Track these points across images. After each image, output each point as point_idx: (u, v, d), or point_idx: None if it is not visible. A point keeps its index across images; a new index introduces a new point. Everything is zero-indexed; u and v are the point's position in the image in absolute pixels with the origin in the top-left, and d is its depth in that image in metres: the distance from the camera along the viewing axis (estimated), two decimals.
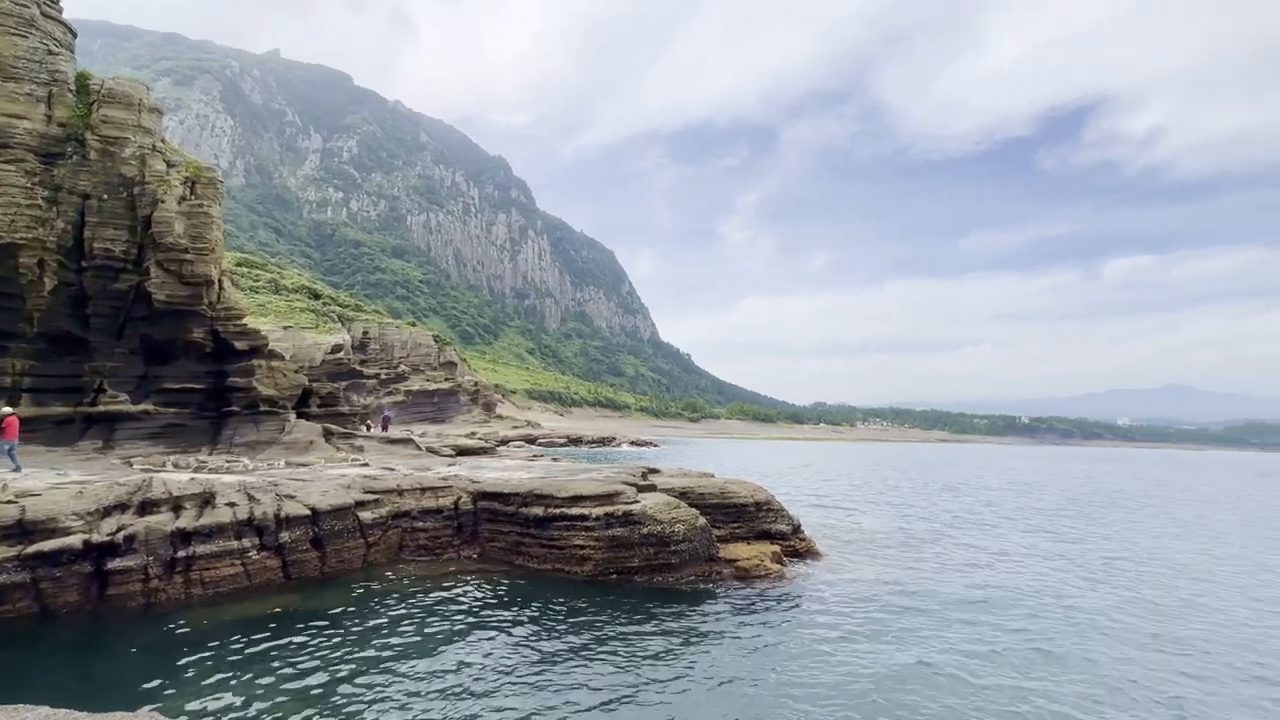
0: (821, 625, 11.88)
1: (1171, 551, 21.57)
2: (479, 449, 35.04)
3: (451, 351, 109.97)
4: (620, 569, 14.14)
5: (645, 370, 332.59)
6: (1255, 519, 32.21)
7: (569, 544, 14.47)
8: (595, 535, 14.32)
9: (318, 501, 14.10)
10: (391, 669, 9.20)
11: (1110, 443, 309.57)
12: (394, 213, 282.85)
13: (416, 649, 10.01)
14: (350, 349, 79.96)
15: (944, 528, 24.43)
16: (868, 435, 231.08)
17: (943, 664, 10.18)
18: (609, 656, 10.02)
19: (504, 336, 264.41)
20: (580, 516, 14.61)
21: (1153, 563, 19.34)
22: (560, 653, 10.13)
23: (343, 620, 11.13)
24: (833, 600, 13.51)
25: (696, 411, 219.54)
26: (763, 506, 17.39)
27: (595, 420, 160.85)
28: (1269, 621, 13.54)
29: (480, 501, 16.47)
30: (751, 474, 43.38)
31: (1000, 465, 79.85)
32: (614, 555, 14.20)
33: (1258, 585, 16.98)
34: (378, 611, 11.65)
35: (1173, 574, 17.89)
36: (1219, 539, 24.99)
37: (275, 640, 10.04)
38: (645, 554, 14.23)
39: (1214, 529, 27.84)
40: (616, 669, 9.56)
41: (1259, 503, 41.42)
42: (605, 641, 10.66)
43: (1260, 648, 11.81)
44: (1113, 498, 40.55)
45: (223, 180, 26.14)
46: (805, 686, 9.20)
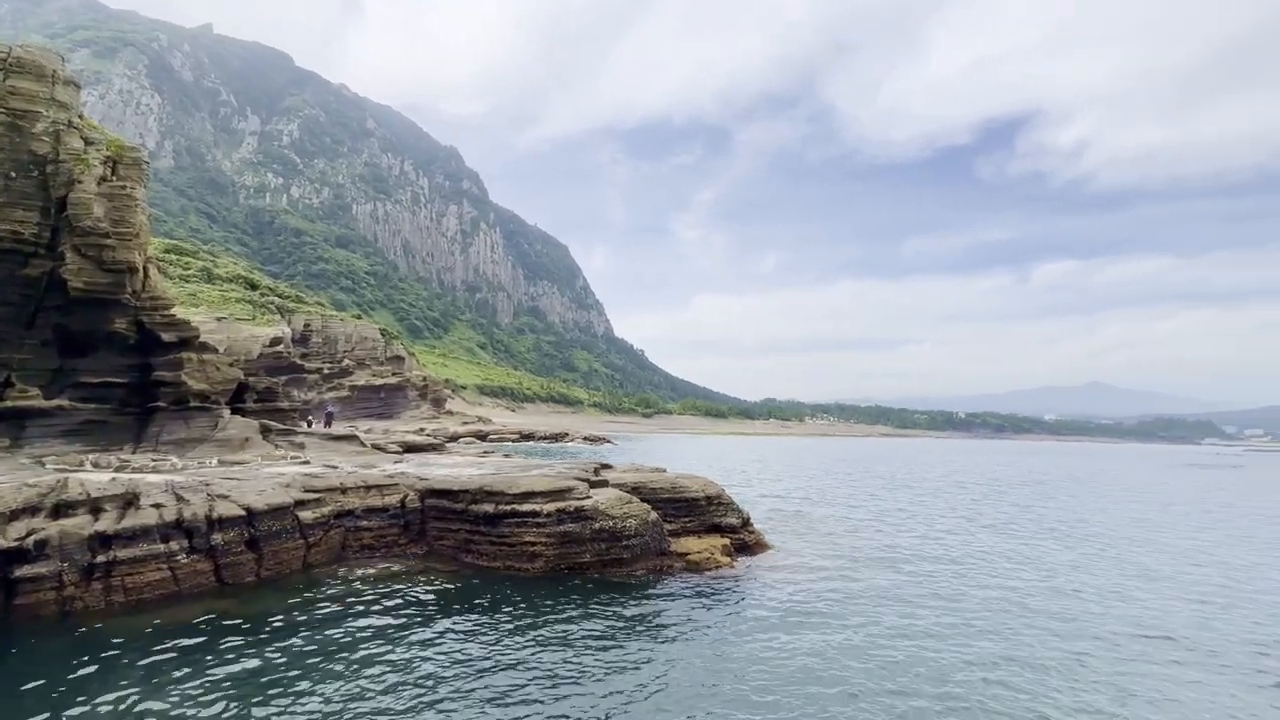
0: (768, 615, 12.17)
1: (1098, 535, 23.08)
2: (428, 445, 34.19)
3: (399, 346, 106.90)
4: (572, 564, 14.10)
5: (599, 366, 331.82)
6: (1174, 509, 34.84)
7: (520, 541, 14.31)
8: (547, 531, 14.22)
9: (254, 501, 13.46)
10: (334, 672, 8.89)
11: (1038, 437, 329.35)
12: (339, 201, 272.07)
13: (360, 650, 9.71)
14: (290, 342, 76.63)
15: (887, 518, 25.39)
16: (815, 430, 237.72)
17: (884, 648, 10.60)
18: (559, 651, 9.98)
19: (455, 331, 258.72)
20: (532, 513, 14.48)
21: (1083, 544, 20.66)
22: (510, 649, 10.03)
23: (280, 624, 10.68)
24: (779, 591, 13.86)
25: (650, 407, 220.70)
26: (713, 500, 17.65)
27: (548, 416, 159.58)
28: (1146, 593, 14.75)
29: (428, 499, 16.09)
30: (703, 469, 43.97)
31: (940, 459, 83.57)
32: (565, 551, 14.14)
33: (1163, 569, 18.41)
34: (319, 613, 11.23)
35: (1098, 559, 19.15)
36: (1135, 523, 26.94)
37: (205, 647, 9.54)
38: (597, 549, 14.23)
39: (1129, 513, 29.99)
40: (567, 663, 9.54)
41: (1171, 492, 44.84)
42: (556, 636, 10.61)
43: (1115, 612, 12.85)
44: (1041, 488, 43.07)
45: (149, 161, 24.49)
46: (751, 675, 9.41)
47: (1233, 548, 22.02)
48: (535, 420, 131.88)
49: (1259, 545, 22.74)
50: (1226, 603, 14.68)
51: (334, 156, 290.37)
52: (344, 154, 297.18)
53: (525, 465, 20.82)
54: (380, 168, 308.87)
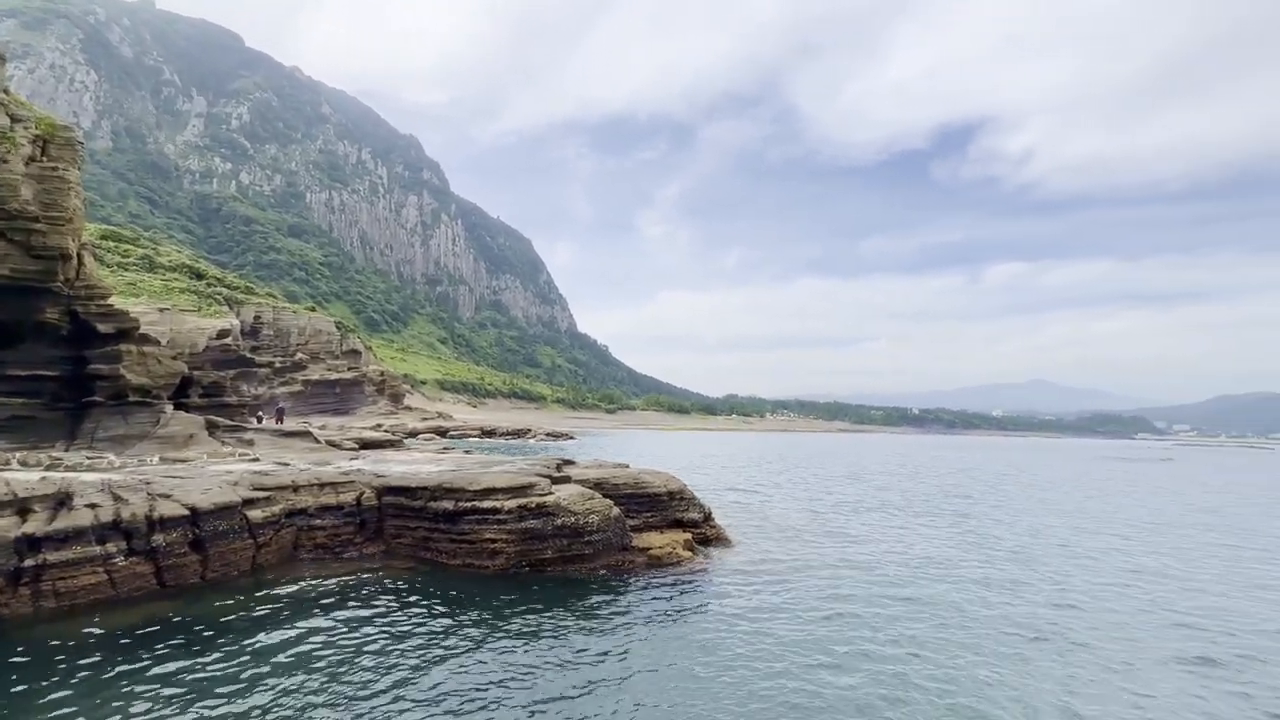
0: (728, 608, 12.35)
1: (1034, 528, 24.21)
2: (385, 442, 33.38)
3: (356, 339, 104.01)
4: (533, 561, 14.00)
5: (562, 361, 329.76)
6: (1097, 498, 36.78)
7: (480, 538, 14.13)
8: (508, 528, 14.08)
9: (198, 500, 12.91)
10: (283, 674, 8.61)
11: (986, 432, 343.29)
12: (291, 189, 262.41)
13: (311, 651, 9.43)
14: (240, 334, 73.72)
15: (845, 511, 26.05)
16: (776, 426, 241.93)
17: (841, 640, 10.89)
18: (518, 648, 9.91)
19: (414, 324, 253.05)
20: (493, 510, 14.31)
21: (1023, 536, 21.64)
22: (468, 647, 9.90)
23: (226, 625, 10.29)
24: (739, 584, 14.08)
25: (613, 403, 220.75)
26: (675, 496, 17.77)
27: (510, 412, 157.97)
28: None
29: (385, 496, 15.72)
30: (666, 464, 44.22)
31: (895, 453, 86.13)
32: (527, 548, 14.03)
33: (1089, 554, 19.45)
34: (268, 614, 10.86)
35: (1032, 546, 20.10)
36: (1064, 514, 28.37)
37: (143, 652, 9.12)
38: (559, 545, 14.17)
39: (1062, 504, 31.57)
40: (526, 660, 9.48)
41: (1102, 482, 47.34)
42: (516, 633, 10.54)
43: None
44: (989, 481, 44.86)
45: (83, 141, 23.11)
46: (709, 668, 9.54)
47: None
48: (497, 416, 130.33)
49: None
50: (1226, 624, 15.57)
51: (287, 142, 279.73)
52: (297, 140, 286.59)
53: (486, 462, 20.55)
54: (336, 155, 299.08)
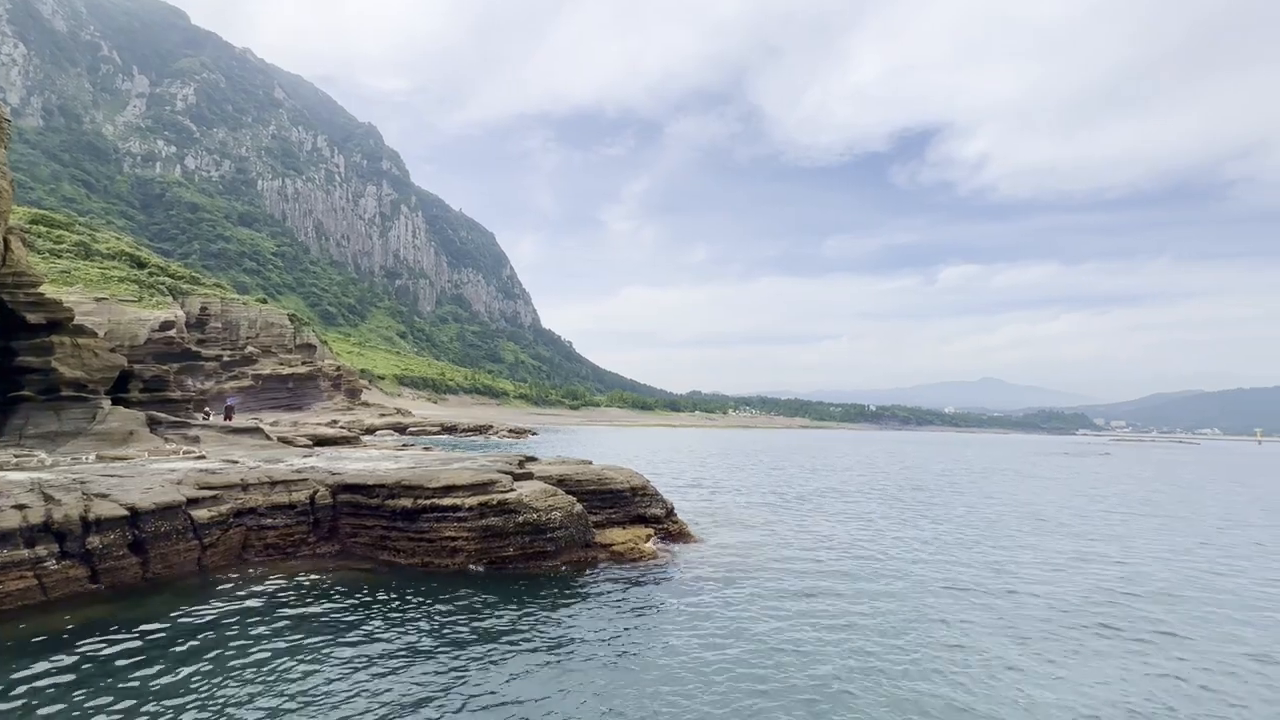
0: (688, 602, 12.46)
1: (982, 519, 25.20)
2: (341, 438, 32.47)
3: (310, 333, 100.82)
4: (494, 559, 13.85)
5: (525, 357, 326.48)
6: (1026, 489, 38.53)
7: (440, 536, 13.89)
8: (468, 526, 13.89)
9: (138, 500, 12.31)
10: (229, 677, 8.29)
11: (938, 428, 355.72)
12: (242, 175, 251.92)
13: (258, 654, 9.11)
14: (185, 326, 70.58)
15: (805, 505, 26.57)
16: (738, 422, 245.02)
17: (800, 631, 11.11)
18: (477, 646, 9.79)
19: (372, 318, 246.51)
20: (453, 507, 14.09)
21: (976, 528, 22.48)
22: (427, 644, 9.73)
23: (167, 629, 9.84)
24: (700, 578, 14.22)
25: (577, 399, 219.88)
26: (638, 492, 17.83)
27: (472, 408, 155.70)
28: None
29: (341, 495, 15.30)
30: (630, 460, 44.31)
31: (853, 449, 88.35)
32: (488, 545, 13.87)
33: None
34: (213, 616, 10.43)
35: (981, 537, 20.91)
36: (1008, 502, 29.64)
37: (71, 658, 8.65)
38: (520, 542, 14.05)
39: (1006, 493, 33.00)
40: (484, 658, 9.37)
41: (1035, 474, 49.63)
42: (474, 631, 10.40)
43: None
44: (941, 475, 46.47)
45: (10, 119, 21.68)
46: (669, 660, 9.61)
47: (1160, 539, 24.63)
48: (458, 412, 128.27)
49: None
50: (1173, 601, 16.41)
51: (236, 126, 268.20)
52: (248, 125, 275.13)
53: (446, 459, 20.22)
54: (290, 142, 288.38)
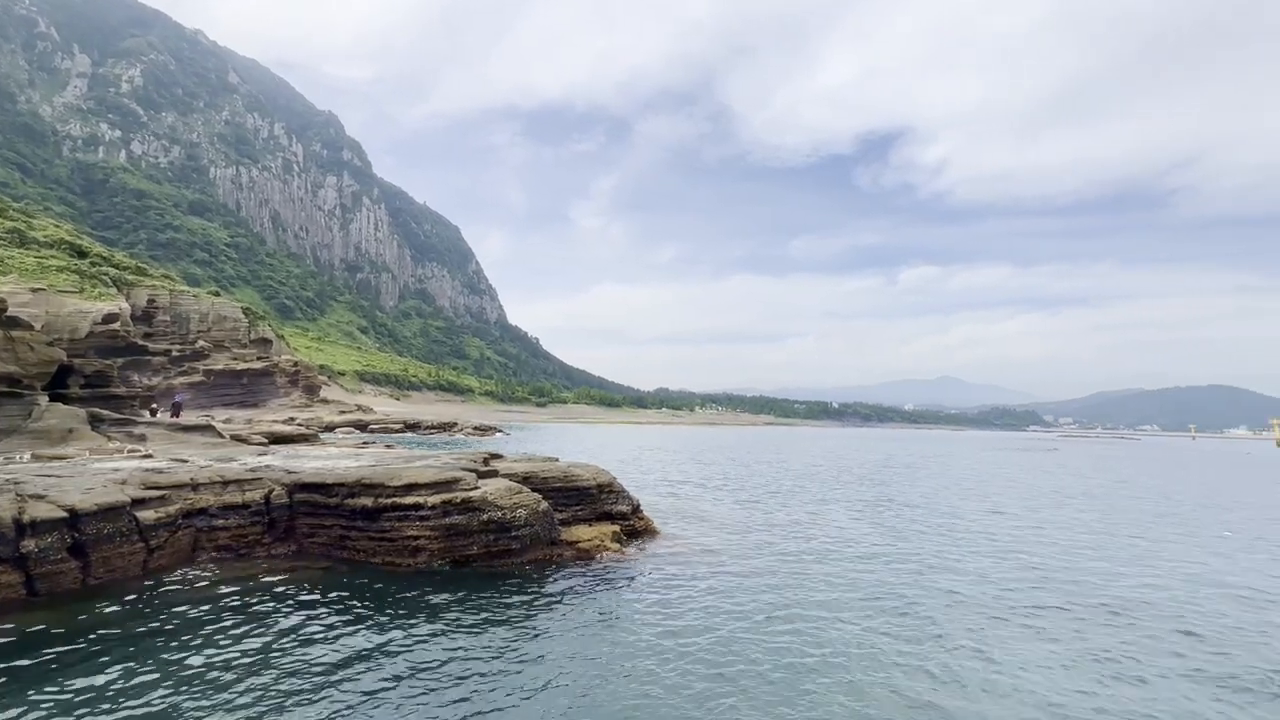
0: (653, 598, 12.51)
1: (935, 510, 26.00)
2: (298, 436, 31.52)
3: (266, 327, 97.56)
4: (457, 557, 13.66)
5: (491, 353, 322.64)
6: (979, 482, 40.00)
7: (401, 535, 13.63)
8: (431, 525, 13.65)
9: (78, 501, 11.71)
10: (177, 683, 7.97)
11: (898, 425, 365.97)
12: (193, 162, 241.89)
13: (205, 657, 8.78)
14: (130, 319, 67.45)
15: (770, 500, 26.95)
16: (705, 420, 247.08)
17: (765, 627, 11.26)
18: (437, 645, 9.65)
19: (332, 312, 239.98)
20: (415, 506, 13.83)
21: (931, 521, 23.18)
22: (386, 644, 9.54)
23: (107, 635, 9.40)
24: (665, 574, 14.30)
25: (544, 396, 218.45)
26: (605, 488, 17.81)
27: (435, 405, 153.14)
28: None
29: (298, 494, 14.86)
30: (597, 457, 44.22)
31: (817, 444, 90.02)
32: (451, 544, 13.67)
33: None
34: (160, 621, 10.01)
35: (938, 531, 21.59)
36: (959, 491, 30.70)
37: (7, 667, 8.19)
38: (484, 541, 13.89)
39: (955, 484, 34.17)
40: (444, 657, 9.24)
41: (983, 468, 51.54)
42: (436, 629, 10.24)
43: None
44: (899, 471, 47.77)
45: None
46: (632, 657, 9.64)
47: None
48: (422, 409, 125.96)
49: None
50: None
51: (187, 111, 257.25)
52: (199, 109, 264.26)
53: (409, 456, 19.85)
54: (245, 128, 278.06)
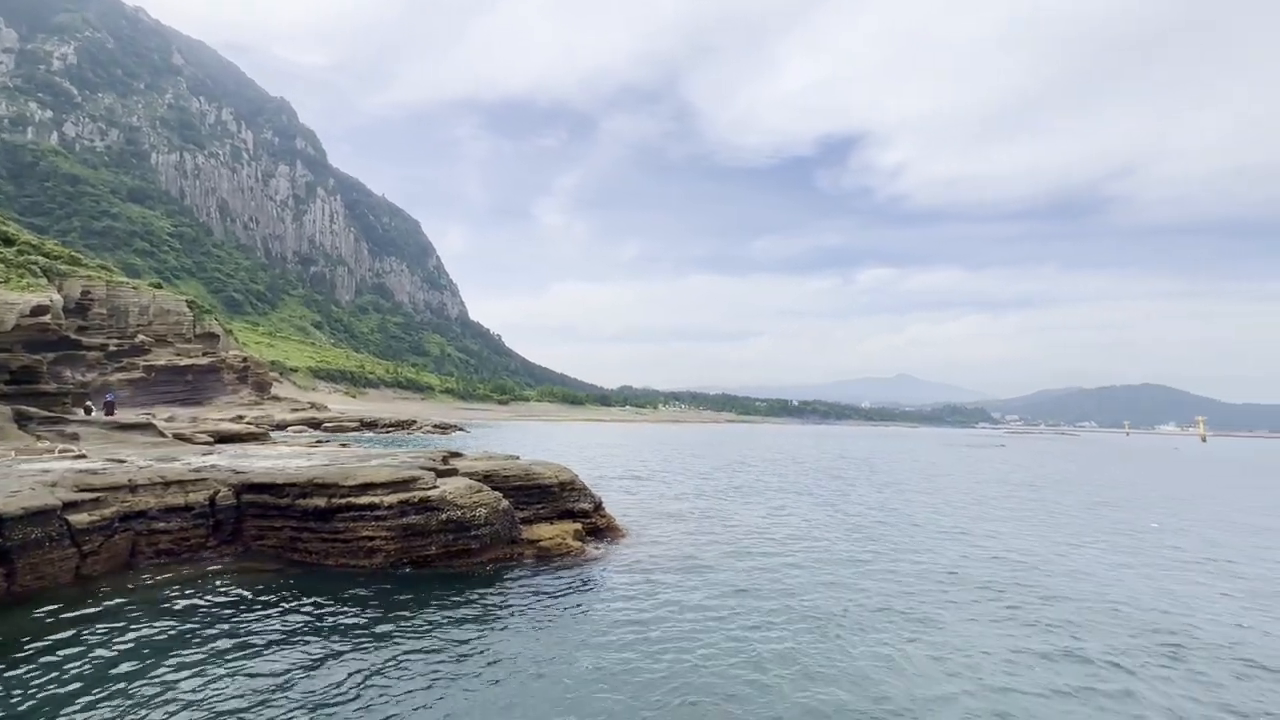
0: (614, 596, 12.52)
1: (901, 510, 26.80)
2: (247, 435, 30.35)
3: (213, 321, 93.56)
4: (415, 558, 13.37)
5: (452, 350, 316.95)
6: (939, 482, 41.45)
7: (356, 536, 13.26)
8: (387, 525, 13.33)
9: (2, 505, 11.00)
10: (100, 696, 7.57)
11: (856, 422, 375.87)
12: (133, 146, 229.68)
13: (143, 666, 8.36)
14: (62, 312, 63.67)
15: (732, 497, 27.28)
16: (668, 417, 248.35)
17: (725, 624, 11.38)
18: (394, 645, 9.43)
19: (284, 307, 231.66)
20: (370, 505, 13.48)
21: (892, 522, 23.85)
22: (338, 647, 9.27)
23: (35, 645, 8.87)
24: (627, 572, 14.33)
25: (506, 394, 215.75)
26: (566, 486, 17.72)
27: (394, 403, 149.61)
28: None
29: (246, 495, 14.30)
30: (559, 455, 43.97)
31: (778, 441, 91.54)
32: (408, 544, 13.37)
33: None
34: (95, 628, 9.49)
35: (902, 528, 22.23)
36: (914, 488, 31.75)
37: None
38: (443, 540, 13.63)
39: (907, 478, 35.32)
40: (403, 656, 9.04)
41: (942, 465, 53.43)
42: (391, 630, 10.01)
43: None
44: (858, 466, 49.03)
45: None
46: (593, 656, 9.62)
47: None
48: (379, 407, 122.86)
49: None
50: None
51: (126, 93, 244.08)
52: (140, 91, 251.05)
53: (365, 455, 19.34)
54: (190, 113, 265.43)
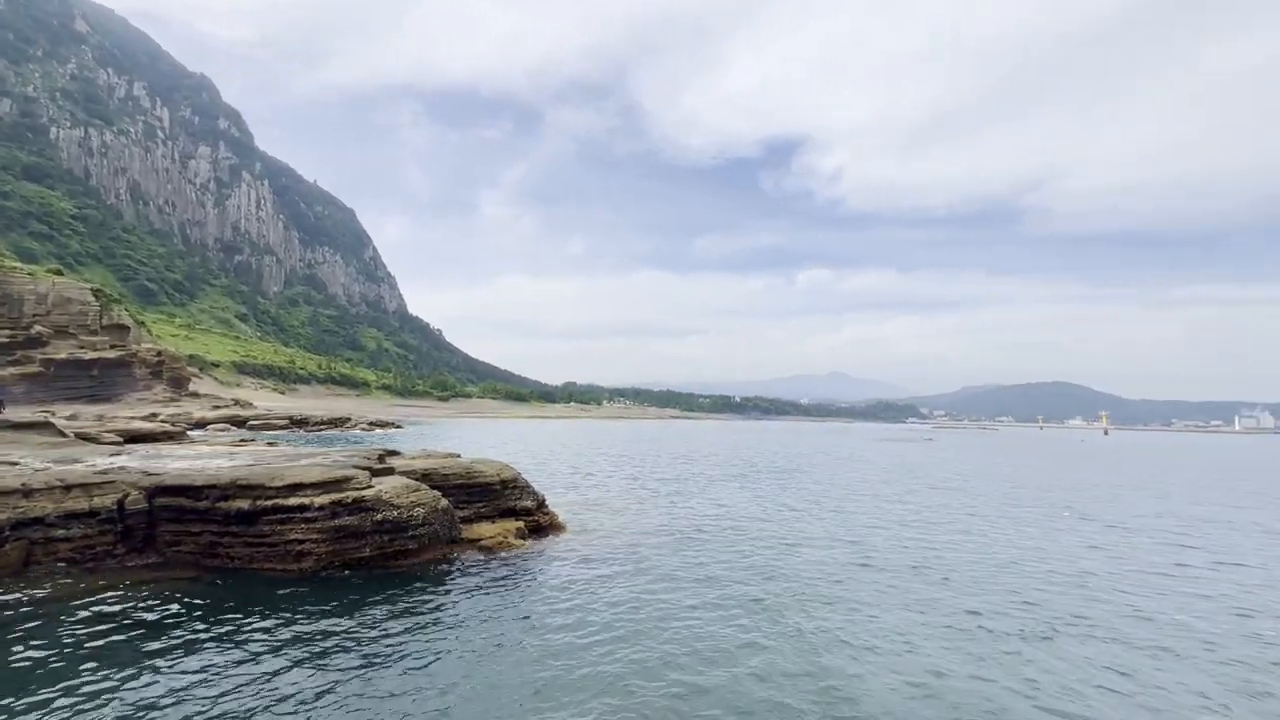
0: (555, 594, 12.44)
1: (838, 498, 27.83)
2: (161, 434, 28.32)
3: (123, 312, 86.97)
4: (348, 560, 12.87)
5: (390, 345, 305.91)
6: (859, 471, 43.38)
7: (284, 539, 12.63)
8: (318, 527, 12.76)
9: None
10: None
11: (794, 418, 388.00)
12: (28, 119, 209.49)
13: (35, 687, 7.71)
14: None
15: (673, 491, 27.58)
16: (613, 413, 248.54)
17: (664, 618, 11.51)
18: (325, 651, 9.05)
19: (205, 297, 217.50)
20: (300, 507, 12.87)
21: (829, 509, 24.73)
22: (253, 657, 8.79)
23: None
24: (568, 569, 14.26)
25: (447, 390, 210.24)
26: (509, 484, 17.48)
27: (326, 399, 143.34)
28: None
29: (160, 498, 13.37)
30: (503, 453, 43.30)
31: (720, 436, 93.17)
32: (341, 547, 12.85)
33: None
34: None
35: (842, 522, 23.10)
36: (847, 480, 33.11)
37: None
38: (379, 542, 13.19)
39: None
40: (333, 662, 8.69)
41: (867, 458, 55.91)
42: (321, 636, 9.60)
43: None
44: (791, 460, 50.54)
45: None
46: (531, 654, 9.55)
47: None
48: (310, 404, 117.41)
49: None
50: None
51: (20, 60, 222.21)
52: (37, 59, 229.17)
53: (294, 454, 18.42)
54: (96, 85, 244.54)
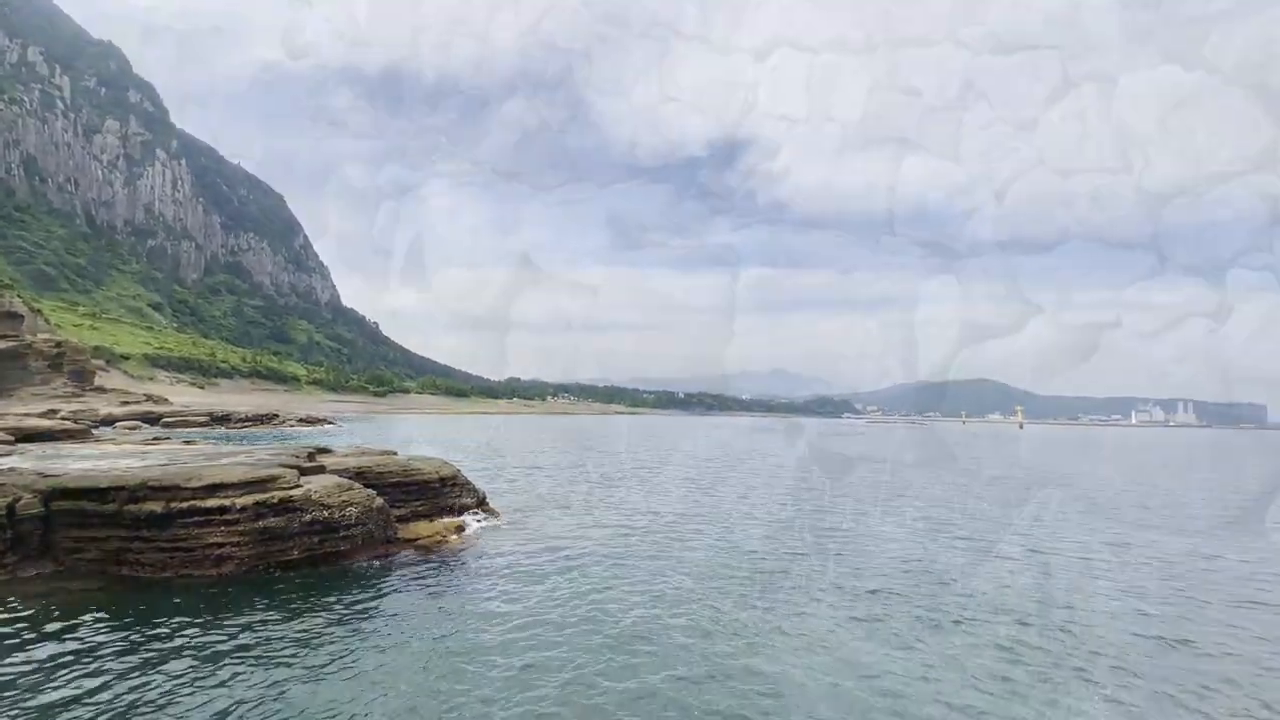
0: (493, 591, 12.24)
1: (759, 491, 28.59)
2: (61, 432, 26.09)
3: (15, 299, 79.62)
4: (274, 563, 12.25)
5: (322, 338, 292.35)
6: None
7: (201, 544, 11.88)
8: (240, 529, 12.08)
9: None
10: None
11: (737, 413, 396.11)
12: None
13: None
14: None
15: (615, 485, 27.64)
16: (557, 409, 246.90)
17: (604, 612, 11.52)
18: (243, 660, 8.57)
19: (113, 285, 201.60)
20: (220, 509, 12.13)
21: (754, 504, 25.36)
22: (165, 670, 8.23)
23: None
24: (507, 565, 14.05)
25: (383, 385, 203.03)
26: (448, 481, 17.10)
27: (252, 395, 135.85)
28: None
29: (58, 501, 12.30)
30: (443, 449, 42.20)
31: (664, 432, 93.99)
32: (265, 550, 12.21)
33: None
34: None
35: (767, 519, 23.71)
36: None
37: None
38: (307, 544, 12.61)
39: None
40: (254, 671, 8.25)
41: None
42: (241, 644, 9.08)
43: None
44: (732, 455, 51.68)
45: None
46: (467, 652, 9.37)
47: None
48: (234, 399, 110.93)
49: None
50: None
51: None
52: None
53: (213, 453, 17.37)
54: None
